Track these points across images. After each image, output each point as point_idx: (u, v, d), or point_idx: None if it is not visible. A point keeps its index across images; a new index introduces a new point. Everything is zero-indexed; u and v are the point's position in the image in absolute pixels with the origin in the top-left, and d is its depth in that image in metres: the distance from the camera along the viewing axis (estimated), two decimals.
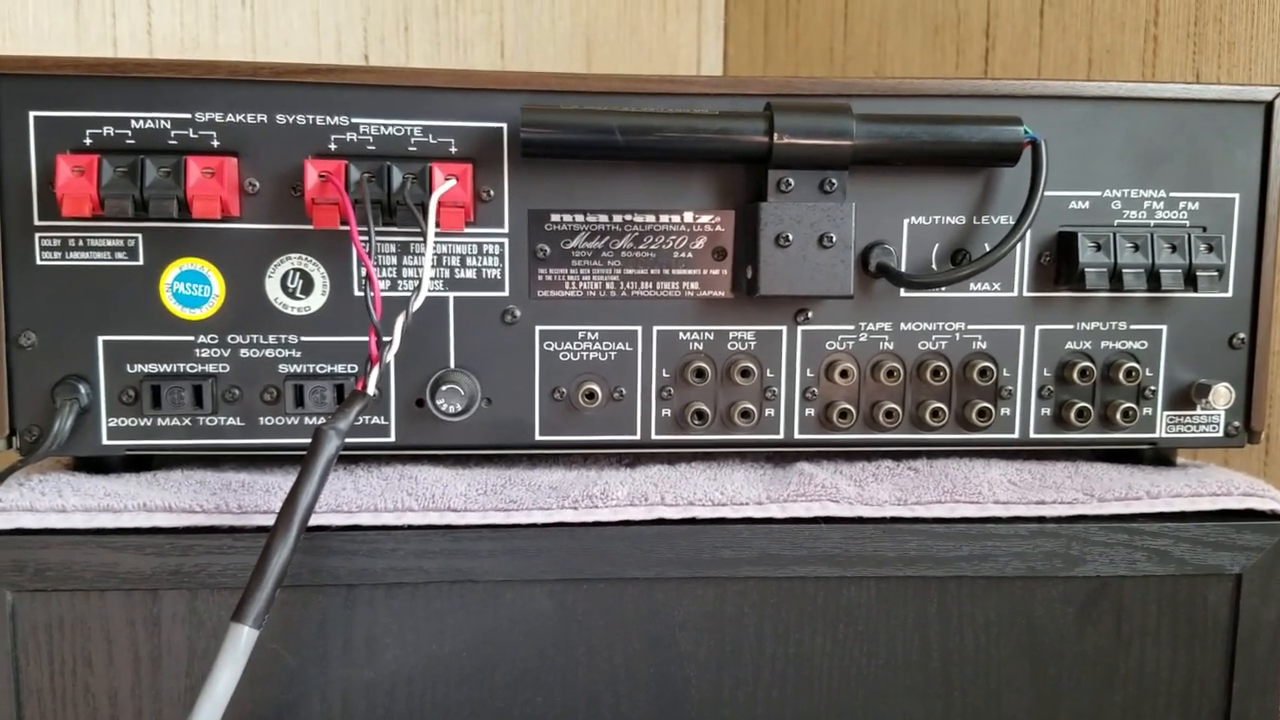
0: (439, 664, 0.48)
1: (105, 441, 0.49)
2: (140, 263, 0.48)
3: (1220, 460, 0.65)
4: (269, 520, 0.43)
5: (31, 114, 0.47)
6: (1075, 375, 0.52)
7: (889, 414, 0.51)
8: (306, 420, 0.50)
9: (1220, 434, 0.54)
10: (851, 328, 0.52)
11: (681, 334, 0.51)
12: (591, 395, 0.50)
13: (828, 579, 0.49)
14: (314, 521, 0.45)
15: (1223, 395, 0.52)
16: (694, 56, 1.16)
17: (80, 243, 0.48)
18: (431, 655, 0.48)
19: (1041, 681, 0.50)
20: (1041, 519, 0.50)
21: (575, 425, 0.51)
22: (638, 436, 0.52)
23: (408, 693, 0.48)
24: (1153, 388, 0.53)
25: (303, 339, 0.49)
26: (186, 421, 0.49)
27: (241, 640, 0.40)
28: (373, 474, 0.51)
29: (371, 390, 0.45)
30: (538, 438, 0.51)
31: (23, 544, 0.46)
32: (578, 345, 0.51)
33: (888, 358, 0.52)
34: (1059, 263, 0.52)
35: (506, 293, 0.50)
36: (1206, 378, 0.53)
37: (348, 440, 0.44)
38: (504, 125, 0.49)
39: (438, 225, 0.47)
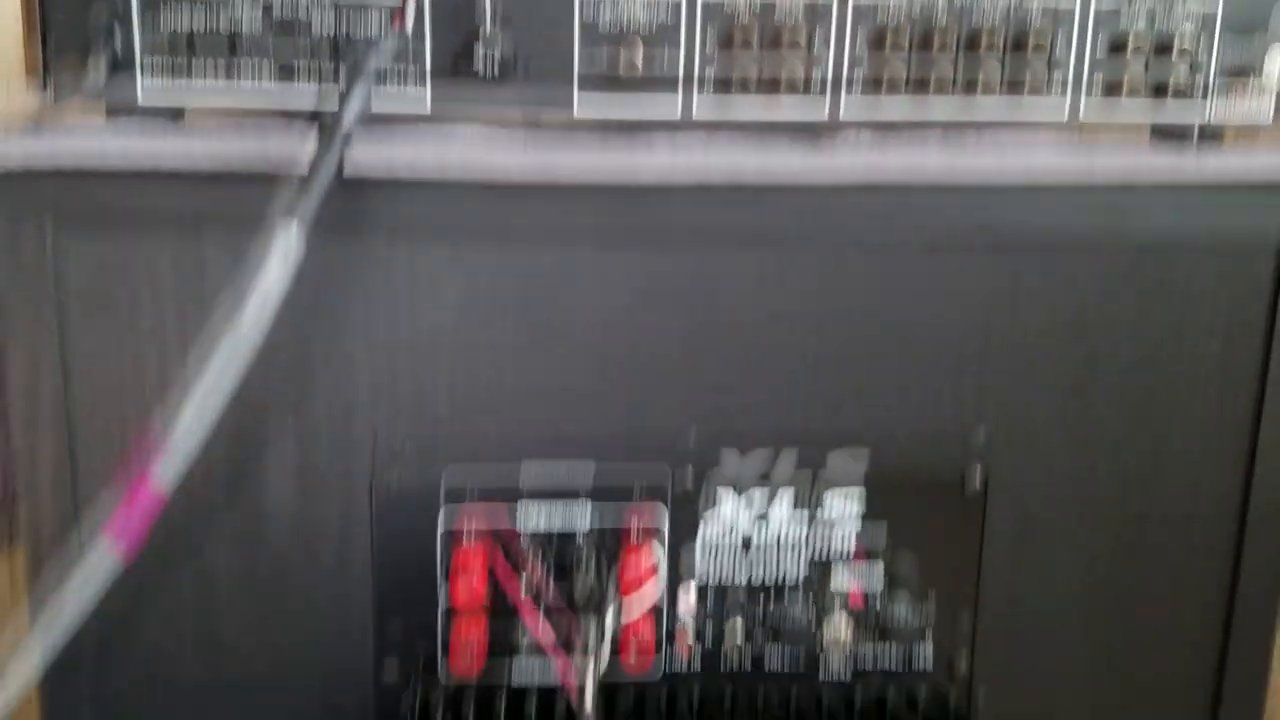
0: (477, 320, 0.48)
1: (140, 96, 0.48)
2: None
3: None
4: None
5: None
6: (1129, 51, 0.50)
7: (939, 85, 0.50)
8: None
9: (1269, 121, 0.52)
10: None
11: (726, 3, 0.50)
12: (632, 66, 0.49)
13: (872, 247, 0.49)
14: (352, 174, 0.45)
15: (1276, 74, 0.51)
16: None
17: None
18: (470, 311, 0.48)
19: (1080, 350, 0.51)
20: (1089, 188, 0.49)
21: (617, 98, 0.50)
22: (678, 109, 0.51)
23: (450, 344, 0.49)
24: (1207, 67, 0.51)
25: None
26: (222, 79, 0.48)
27: (291, 236, 0.39)
28: (411, 133, 0.50)
29: (409, 22, 0.44)
30: (576, 112, 0.50)
31: (62, 185, 0.45)
32: (619, 11, 0.49)
33: (940, 29, 0.50)
34: None
35: None
36: (1259, 59, 0.51)
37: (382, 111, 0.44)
38: None
39: None
